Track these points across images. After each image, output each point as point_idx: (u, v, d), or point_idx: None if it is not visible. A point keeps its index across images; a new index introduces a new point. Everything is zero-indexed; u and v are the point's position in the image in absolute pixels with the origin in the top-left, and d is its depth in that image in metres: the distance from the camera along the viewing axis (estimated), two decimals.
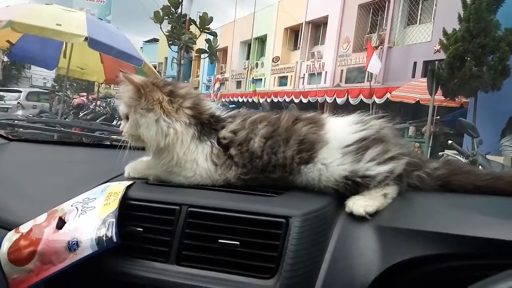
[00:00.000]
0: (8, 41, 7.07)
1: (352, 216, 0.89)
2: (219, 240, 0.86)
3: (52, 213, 0.98)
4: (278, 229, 0.84)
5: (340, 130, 1.00)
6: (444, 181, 1.02)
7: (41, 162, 1.57)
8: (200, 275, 0.85)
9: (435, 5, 14.29)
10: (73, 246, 0.86)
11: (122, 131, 1.10)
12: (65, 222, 0.93)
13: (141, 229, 0.93)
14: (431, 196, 0.98)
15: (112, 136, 2.41)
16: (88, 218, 0.91)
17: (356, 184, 0.95)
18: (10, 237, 0.95)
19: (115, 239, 0.85)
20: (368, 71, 13.93)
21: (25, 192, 1.28)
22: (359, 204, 0.89)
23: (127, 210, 0.95)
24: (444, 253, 0.75)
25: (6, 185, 1.36)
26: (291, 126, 1.02)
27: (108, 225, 0.87)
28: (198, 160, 1.03)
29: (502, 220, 0.79)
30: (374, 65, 13.21)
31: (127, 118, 1.07)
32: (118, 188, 0.99)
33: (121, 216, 0.92)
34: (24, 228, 0.96)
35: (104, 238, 0.86)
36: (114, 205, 0.92)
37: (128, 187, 1.00)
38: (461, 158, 4.82)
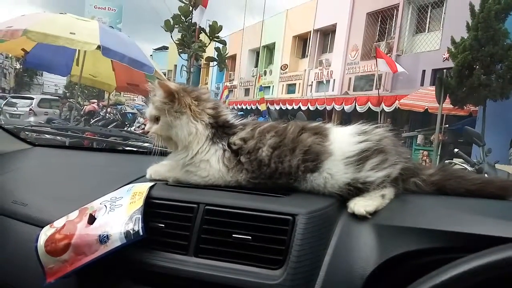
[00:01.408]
0: (23, 49, 7.25)
1: (353, 215, 0.97)
2: (233, 235, 0.96)
3: (83, 210, 1.09)
4: (285, 225, 0.93)
5: (343, 141, 1.07)
6: (438, 186, 1.10)
7: (65, 166, 1.68)
8: (216, 266, 0.94)
9: (444, 13, 14.32)
10: (104, 239, 0.97)
11: (147, 132, 1.20)
12: (95, 218, 1.03)
13: (163, 225, 1.03)
14: (425, 198, 1.06)
15: (129, 142, 2.53)
16: (116, 215, 1.02)
17: (357, 189, 1.03)
18: (46, 231, 1.06)
19: (141, 233, 0.96)
20: (378, 76, 14.04)
21: (53, 193, 1.39)
22: (360, 205, 0.97)
23: (150, 208, 1.05)
24: (433, 247, 0.83)
25: (35, 187, 1.48)
26: (297, 136, 1.10)
27: (135, 220, 0.98)
28: (211, 161, 1.13)
29: (484, 218, 0.87)
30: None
31: (156, 120, 1.18)
32: (142, 188, 1.09)
33: (145, 213, 1.02)
34: (58, 224, 1.07)
35: (131, 231, 0.96)
36: (139, 203, 1.02)
37: (151, 188, 1.11)
38: (467, 167, 4.87)
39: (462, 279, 0.57)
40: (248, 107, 22.21)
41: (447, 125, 12.07)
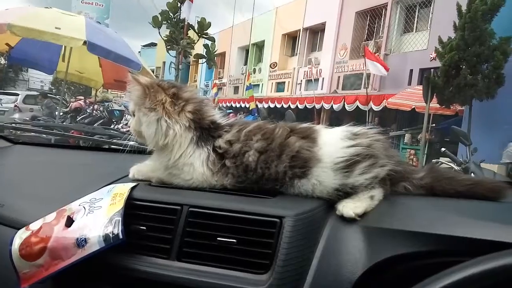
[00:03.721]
0: (7, 44, 7.10)
1: (342, 217, 0.94)
2: (218, 238, 0.92)
3: (60, 212, 1.04)
4: (272, 228, 0.90)
5: (333, 145, 1.02)
6: (428, 188, 1.08)
7: (45, 165, 1.62)
8: (200, 270, 0.91)
9: (432, 13, 14.45)
10: (81, 242, 0.93)
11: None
12: (73, 221, 0.99)
13: (145, 228, 0.98)
14: (415, 199, 1.04)
15: (114, 140, 2.47)
16: (95, 217, 0.97)
17: (345, 193, 1.00)
18: (21, 234, 1.01)
19: (121, 236, 0.92)
20: (366, 75, 14.17)
21: (32, 193, 1.33)
22: (348, 207, 0.95)
23: (132, 209, 1.00)
24: (423, 250, 0.82)
25: (13, 186, 1.42)
26: (284, 140, 1.05)
27: (115, 223, 0.93)
28: (195, 164, 1.08)
29: (474, 220, 0.86)
30: (379, 69, 13.48)
31: (134, 115, 1.14)
32: (123, 189, 1.05)
33: (126, 215, 0.97)
34: (34, 226, 1.02)
35: (110, 235, 0.92)
36: (119, 205, 0.98)
37: (133, 188, 1.06)
38: (454, 166, 4.91)
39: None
40: (238, 105, 22.15)
41: (434, 124, 12.20)
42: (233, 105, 22.46)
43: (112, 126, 10.71)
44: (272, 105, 19.48)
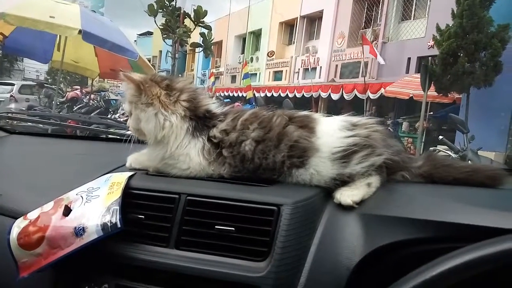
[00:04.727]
0: (1, 33, 7.02)
1: (339, 205, 0.95)
2: (216, 226, 0.92)
3: (58, 201, 1.03)
4: (270, 216, 0.90)
5: (331, 135, 1.02)
6: (426, 175, 1.08)
7: (42, 154, 1.61)
8: (198, 258, 0.91)
9: (430, 0, 14.36)
10: (79, 231, 0.92)
11: (129, 126, 1.17)
12: (71, 210, 0.98)
13: (143, 216, 0.98)
14: (413, 186, 1.05)
15: (111, 130, 2.46)
16: (93, 206, 0.97)
17: (343, 182, 1.00)
18: (19, 223, 1.01)
19: (119, 225, 0.91)
20: (364, 63, 14.13)
21: (29, 182, 1.33)
22: (346, 195, 0.95)
23: (129, 198, 1.00)
24: (421, 237, 0.82)
25: (10, 176, 1.41)
26: (283, 129, 1.04)
27: (112, 212, 0.93)
28: (191, 154, 1.07)
29: (472, 207, 0.86)
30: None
31: (131, 114, 1.13)
32: (120, 178, 1.05)
33: (124, 204, 0.97)
34: (32, 215, 1.02)
35: (108, 224, 0.92)
36: (117, 193, 0.98)
37: (130, 177, 1.06)
38: (451, 153, 4.93)
39: (455, 274, 0.55)
40: (235, 94, 22.07)
41: (431, 112, 12.21)
42: (231, 94, 22.37)
43: (109, 116, 10.66)
44: (269, 94, 19.42)
